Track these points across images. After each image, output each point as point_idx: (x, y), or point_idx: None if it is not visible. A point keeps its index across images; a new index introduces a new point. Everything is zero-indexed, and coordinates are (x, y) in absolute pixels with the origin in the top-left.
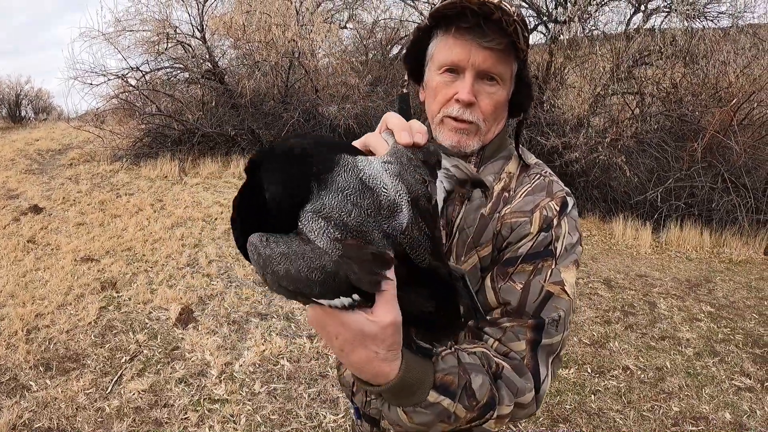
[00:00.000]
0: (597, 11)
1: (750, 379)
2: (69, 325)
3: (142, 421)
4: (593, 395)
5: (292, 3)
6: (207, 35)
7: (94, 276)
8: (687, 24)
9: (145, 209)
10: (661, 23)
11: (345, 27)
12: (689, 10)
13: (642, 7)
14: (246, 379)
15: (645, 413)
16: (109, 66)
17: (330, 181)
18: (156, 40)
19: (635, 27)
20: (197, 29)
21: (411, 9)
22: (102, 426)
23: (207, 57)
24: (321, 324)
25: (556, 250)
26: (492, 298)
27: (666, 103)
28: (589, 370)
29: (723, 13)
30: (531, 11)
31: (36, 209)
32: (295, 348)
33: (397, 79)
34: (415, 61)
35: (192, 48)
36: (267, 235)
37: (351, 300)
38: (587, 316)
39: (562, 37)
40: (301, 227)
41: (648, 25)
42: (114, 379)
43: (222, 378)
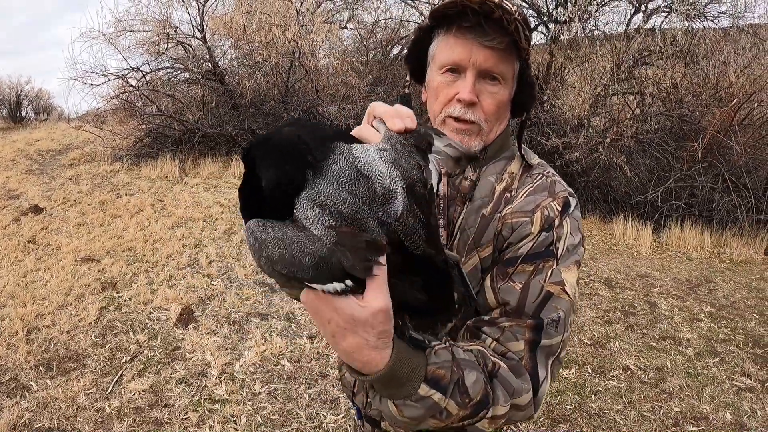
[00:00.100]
0: (597, 11)
1: (750, 380)
2: (69, 326)
3: (142, 422)
4: (594, 395)
5: (292, 3)
6: (207, 35)
7: (94, 276)
8: (687, 24)
9: (146, 209)
10: (662, 23)
11: (345, 27)
12: (689, 10)
13: (642, 7)
14: (246, 380)
15: (645, 413)
16: (110, 66)
17: (325, 169)
18: (156, 40)
19: (635, 27)
20: (198, 29)
21: (411, 9)
22: (102, 426)
23: (207, 57)
24: (314, 308)
25: (557, 250)
26: (491, 298)
27: (666, 103)
28: (590, 370)
29: (723, 13)
30: (531, 11)
31: (36, 209)
32: (296, 348)
33: (398, 80)
34: (417, 62)
35: (192, 48)
36: (264, 221)
37: (344, 285)
38: (588, 316)
39: (562, 37)
40: (297, 215)
41: (648, 25)
42: (114, 380)
43: (222, 378)
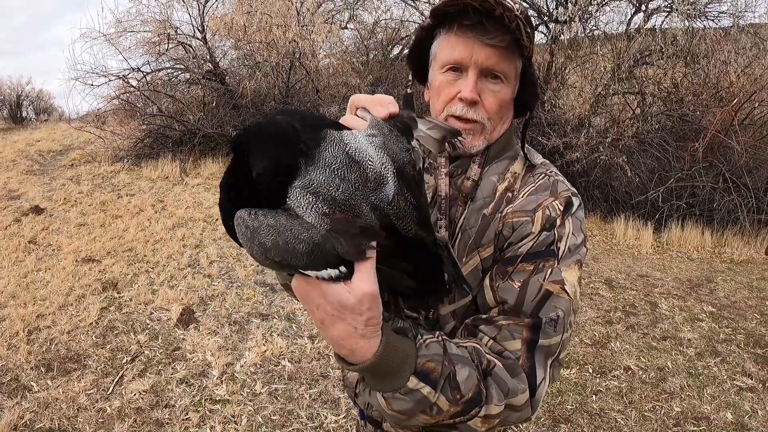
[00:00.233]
0: (598, 11)
1: (751, 380)
2: (70, 326)
3: (143, 422)
4: (594, 395)
5: (292, 3)
6: (208, 36)
7: (95, 277)
8: (688, 24)
9: (146, 210)
10: (662, 23)
11: (346, 27)
12: (690, 9)
13: (643, 7)
14: (247, 380)
15: (646, 413)
16: (110, 67)
17: (317, 157)
18: (157, 40)
19: (636, 27)
20: (198, 30)
21: (412, 9)
22: (103, 426)
23: (208, 58)
24: (304, 295)
25: (558, 250)
26: (490, 297)
27: (667, 103)
28: (591, 370)
29: (724, 13)
30: (532, 11)
31: (37, 210)
32: (297, 348)
33: (398, 80)
34: (419, 61)
35: (193, 49)
36: (255, 209)
37: (338, 272)
38: (588, 316)
39: (562, 37)
40: (290, 203)
41: (649, 25)
42: (115, 380)
43: (223, 378)
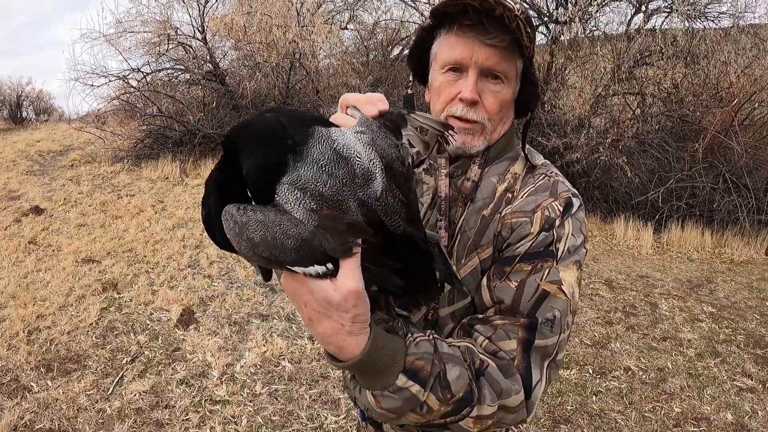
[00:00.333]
0: (598, 12)
1: (752, 380)
2: (70, 326)
3: (143, 422)
4: (594, 396)
5: (293, 4)
6: (208, 36)
7: (95, 277)
8: (688, 24)
9: (146, 210)
10: (662, 23)
11: (346, 28)
12: (690, 10)
13: (643, 8)
14: (247, 380)
15: (646, 414)
16: (110, 67)
17: (305, 153)
18: (157, 41)
19: (636, 27)
20: (198, 30)
21: (412, 10)
22: (103, 427)
23: (208, 58)
24: (292, 292)
25: (557, 251)
26: (487, 297)
27: (667, 104)
28: (591, 371)
29: (724, 14)
30: (532, 12)
31: (37, 210)
32: (297, 349)
33: (399, 80)
34: (419, 62)
35: (193, 49)
36: (244, 205)
37: (325, 269)
38: (588, 316)
39: (562, 38)
40: (278, 199)
41: (649, 26)
42: (115, 380)
43: (223, 379)
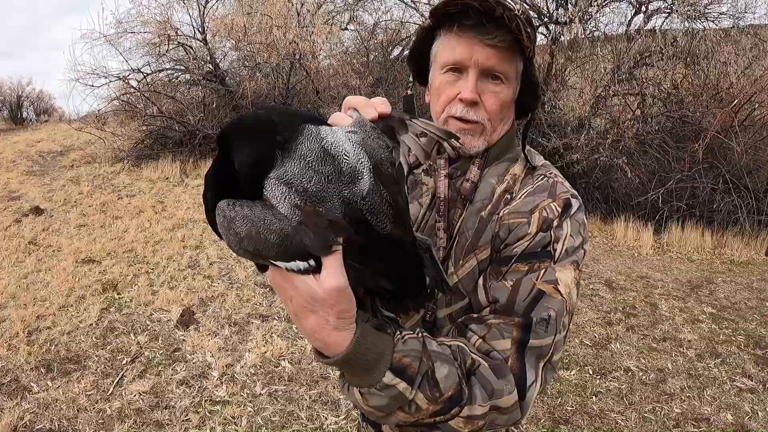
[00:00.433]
0: (598, 12)
1: (752, 381)
2: (70, 327)
3: (143, 423)
4: (595, 397)
5: (293, 5)
6: (208, 37)
7: (95, 277)
8: (688, 25)
9: (147, 211)
10: (662, 24)
11: (346, 28)
12: (690, 11)
13: (643, 8)
14: (247, 381)
15: (646, 415)
16: (111, 68)
17: (294, 149)
18: (157, 41)
19: (636, 28)
20: (198, 31)
21: (412, 10)
22: (103, 427)
23: (208, 59)
24: (278, 287)
25: (555, 252)
26: (482, 296)
27: (667, 104)
28: (591, 371)
29: (724, 14)
30: (532, 12)
31: (37, 211)
32: (297, 350)
33: (399, 81)
34: (420, 62)
35: (193, 50)
36: (235, 200)
37: (307, 264)
38: (588, 317)
39: (563, 39)
40: (266, 194)
41: (649, 26)
42: (115, 381)
43: (223, 380)
